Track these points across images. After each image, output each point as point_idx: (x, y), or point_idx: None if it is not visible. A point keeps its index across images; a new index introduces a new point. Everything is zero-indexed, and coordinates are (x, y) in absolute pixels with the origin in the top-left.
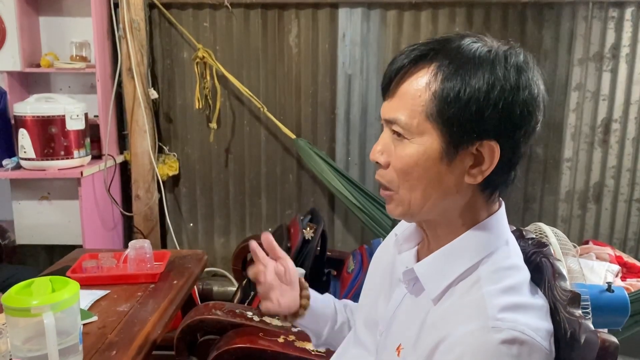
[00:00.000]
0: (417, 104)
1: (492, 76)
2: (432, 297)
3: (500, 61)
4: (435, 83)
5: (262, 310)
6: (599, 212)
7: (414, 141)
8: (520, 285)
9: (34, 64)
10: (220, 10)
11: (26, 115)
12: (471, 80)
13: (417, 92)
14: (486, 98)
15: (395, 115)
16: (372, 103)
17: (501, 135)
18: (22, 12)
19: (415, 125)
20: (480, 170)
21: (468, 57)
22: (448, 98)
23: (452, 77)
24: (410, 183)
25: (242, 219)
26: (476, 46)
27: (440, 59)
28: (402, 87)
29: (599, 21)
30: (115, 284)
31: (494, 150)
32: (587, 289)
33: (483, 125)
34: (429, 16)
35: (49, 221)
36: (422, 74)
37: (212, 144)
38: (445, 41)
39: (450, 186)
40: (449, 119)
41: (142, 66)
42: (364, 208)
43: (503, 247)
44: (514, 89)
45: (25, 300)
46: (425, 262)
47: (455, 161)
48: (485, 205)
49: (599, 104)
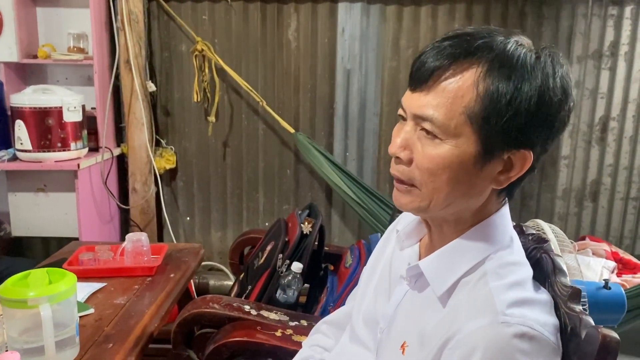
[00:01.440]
0: (457, 104)
1: (544, 86)
2: (439, 294)
3: (549, 71)
4: (483, 84)
5: None
6: (596, 210)
7: (448, 142)
8: (525, 280)
9: (31, 55)
10: (219, 3)
11: (23, 106)
12: (524, 87)
13: (461, 91)
14: (537, 107)
15: (429, 112)
16: (371, 98)
17: (537, 145)
18: (19, 3)
19: (452, 126)
20: (507, 177)
21: (520, 62)
22: (498, 104)
23: (505, 81)
24: (436, 184)
25: (239, 213)
26: (524, 50)
27: (490, 59)
28: (441, 82)
29: (598, 19)
30: (112, 276)
31: (526, 159)
32: (584, 286)
33: (526, 134)
34: (428, 11)
35: (45, 213)
36: (469, 73)
37: (209, 138)
38: (489, 39)
39: (476, 190)
40: (495, 125)
41: (140, 58)
42: (361, 202)
43: (508, 243)
44: (560, 101)
45: (22, 292)
46: (431, 258)
47: (487, 167)
48: (494, 206)
49: (597, 102)
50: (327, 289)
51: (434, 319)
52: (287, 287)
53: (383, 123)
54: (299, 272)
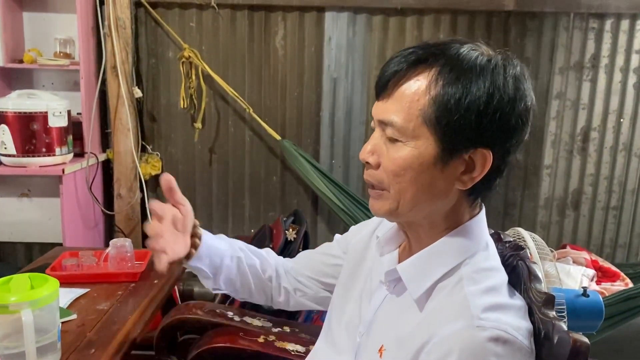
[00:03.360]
0: (414, 108)
1: (492, 86)
2: (415, 298)
3: (499, 71)
4: (435, 88)
5: (156, 267)
6: (577, 219)
7: (408, 144)
8: (500, 286)
9: (16, 60)
10: (206, 11)
11: (7, 111)
12: (472, 88)
13: (415, 95)
14: (485, 107)
15: (390, 117)
16: (357, 106)
17: (495, 143)
18: (5, 7)
19: (411, 129)
20: (470, 177)
21: (469, 64)
22: (448, 104)
23: (453, 83)
24: (401, 185)
25: (224, 219)
26: (475, 54)
27: (441, 64)
28: (399, 89)
29: (579, 31)
30: (95, 282)
31: (486, 158)
32: (563, 294)
33: (480, 133)
34: (414, 22)
35: (28, 218)
36: (422, 78)
37: (196, 144)
38: (444, 46)
39: (440, 191)
40: (447, 125)
41: (126, 64)
42: (347, 210)
43: (483, 249)
44: (511, 100)
45: (3, 296)
46: (408, 262)
47: (448, 167)
48: (468, 209)
49: (579, 113)
50: None
51: (411, 323)
52: None
53: (369, 131)
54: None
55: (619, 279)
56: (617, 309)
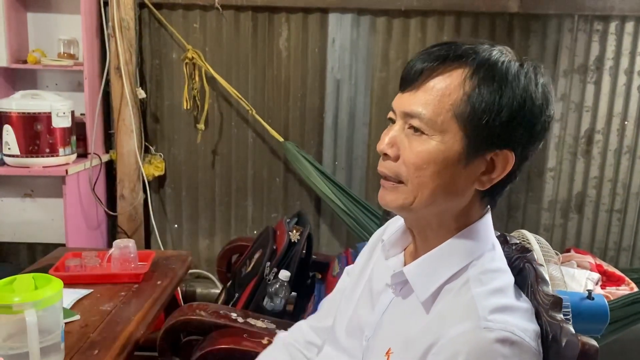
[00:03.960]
0: (445, 102)
1: (525, 92)
2: (422, 300)
3: (531, 78)
4: (470, 85)
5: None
6: (581, 222)
7: (434, 138)
8: (507, 287)
9: (20, 60)
10: (210, 12)
11: (11, 111)
12: (507, 90)
13: (447, 90)
14: (518, 111)
15: (417, 108)
16: (360, 108)
17: (519, 147)
18: (9, 7)
19: (439, 122)
20: (489, 178)
21: (503, 68)
22: (482, 103)
23: (489, 83)
24: (422, 179)
25: (227, 221)
26: (507, 58)
27: (476, 63)
28: (429, 82)
29: (584, 34)
30: (98, 283)
31: (508, 160)
32: (568, 297)
33: (508, 135)
34: (418, 24)
35: (31, 219)
36: (455, 74)
37: (199, 145)
38: (475, 47)
39: (459, 189)
40: (478, 123)
41: (130, 65)
42: (350, 212)
43: (489, 250)
44: (540, 107)
45: (7, 297)
46: (415, 265)
47: (471, 165)
48: (478, 211)
49: (583, 115)
50: (315, 297)
51: (418, 325)
52: (275, 295)
53: (372, 133)
54: (286, 280)
55: (624, 283)
56: (622, 313)
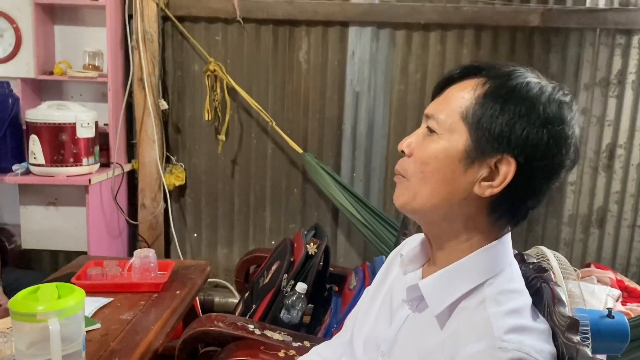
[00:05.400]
0: (457, 105)
1: (533, 102)
2: (436, 314)
3: (545, 92)
4: (480, 91)
5: None
6: (602, 237)
7: (442, 137)
8: (523, 308)
9: (47, 72)
10: (232, 25)
11: (38, 121)
12: (512, 98)
13: (462, 94)
14: (523, 117)
15: (435, 111)
16: (379, 120)
17: (521, 155)
18: (38, 21)
19: (449, 123)
20: (490, 185)
21: (518, 80)
22: (487, 107)
23: (496, 90)
24: (424, 175)
25: (245, 230)
26: (529, 75)
27: (491, 74)
28: (450, 90)
29: (606, 47)
30: (118, 292)
31: (509, 169)
32: (587, 314)
33: (508, 140)
34: (437, 37)
35: (55, 227)
36: (472, 83)
37: (219, 156)
38: (503, 64)
39: (458, 189)
40: (481, 125)
41: (153, 77)
42: (367, 224)
43: (507, 269)
44: (549, 119)
45: (32, 305)
46: (430, 279)
47: (472, 167)
48: (492, 228)
49: (604, 129)
50: (331, 310)
51: (433, 342)
52: (291, 308)
53: (390, 145)
54: (303, 292)
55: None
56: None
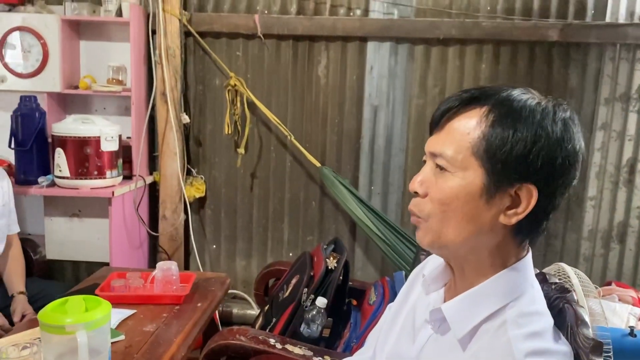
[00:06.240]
0: (465, 140)
1: (540, 126)
2: (459, 338)
3: (548, 113)
4: (486, 124)
5: None
6: (623, 253)
7: (456, 175)
8: (545, 331)
9: (72, 86)
10: (253, 41)
11: (64, 135)
12: (520, 125)
13: (467, 129)
14: (533, 144)
15: (441, 148)
16: (397, 134)
17: (541, 181)
18: (64, 36)
19: (460, 160)
20: (515, 212)
21: (519, 105)
22: (497, 139)
23: (503, 120)
24: (447, 214)
25: (264, 243)
26: (526, 97)
27: (492, 103)
28: (451, 123)
29: (626, 62)
30: (141, 303)
31: (531, 194)
32: (608, 333)
33: (526, 169)
34: (456, 52)
35: (78, 238)
36: (474, 114)
37: (238, 169)
38: (498, 89)
39: (484, 223)
40: (495, 159)
41: (175, 91)
42: (385, 238)
43: (529, 291)
44: (559, 140)
45: (60, 318)
46: (453, 302)
47: (494, 199)
48: (515, 250)
49: (625, 144)
50: (351, 325)
51: None
52: (311, 322)
53: (409, 159)
54: (323, 307)
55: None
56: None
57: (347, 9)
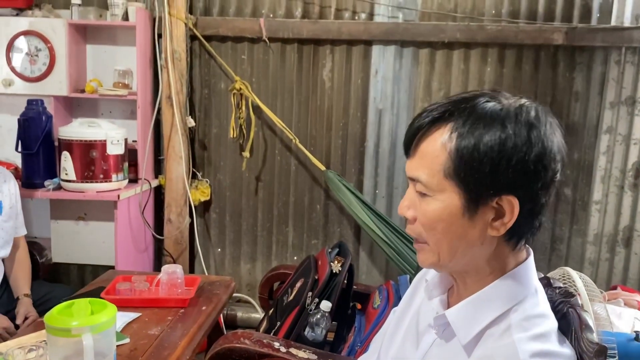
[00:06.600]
0: (435, 163)
1: (504, 133)
2: (464, 343)
3: (510, 118)
4: (450, 143)
5: None
6: (628, 257)
7: (436, 198)
8: (549, 333)
9: (78, 90)
10: (258, 44)
11: (70, 138)
12: (483, 138)
13: (435, 152)
14: (499, 154)
15: (416, 174)
16: (402, 137)
17: (518, 189)
18: (71, 40)
19: (435, 183)
20: (502, 223)
21: (480, 115)
22: (463, 157)
23: (465, 136)
24: (437, 237)
25: (268, 246)
26: (489, 105)
27: (455, 118)
28: (421, 147)
29: (632, 66)
30: (146, 307)
31: (513, 204)
32: (614, 337)
33: (498, 180)
34: (461, 56)
35: (84, 241)
36: (438, 134)
37: (243, 172)
38: (462, 100)
39: (474, 239)
40: (465, 177)
41: (181, 95)
42: (390, 242)
43: (532, 295)
44: (525, 145)
45: (66, 320)
46: (457, 308)
47: (476, 215)
48: (512, 253)
49: (630, 148)
50: (355, 329)
51: None
52: (316, 326)
53: None
54: (327, 310)
55: None
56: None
57: (352, 12)
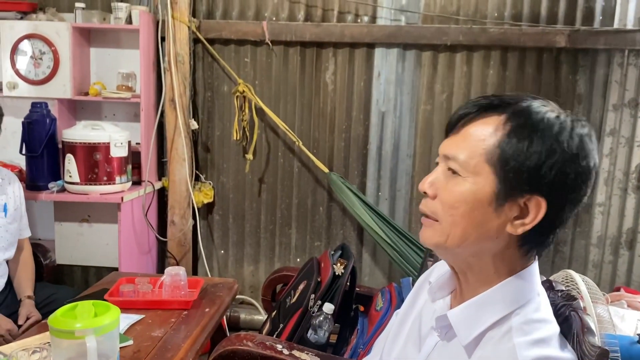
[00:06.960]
0: (479, 146)
1: (556, 141)
2: (464, 344)
3: (566, 128)
4: (502, 132)
5: None
6: (632, 259)
7: (467, 179)
8: (550, 338)
9: (82, 92)
10: (261, 47)
11: (74, 141)
12: (536, 138)
13: (483, 135)
14: (546, 158)
15: (455, 152)
16: (404, 140)
17: (551, 194)
18: (75, 44)
19: (472, 165)
20: (523, 223)
21: (538, 117)
22: (512, 149)
23: (519, 131)
24: (454, 218)
25: (271, 248)
26: (545, 109)
27: (511, 112)
28: (468, 128)
29: (634, 68)
30: (150, 309)
31: (540, 206)
32: (617, 340)
33: (537, 181)
34: (463, 58)
35: (87, 243)
36: (491, 121)
37: (246, 174)
38: (517, 98)
39: (491, 230)
40: (508, 168)
41: (184, 97)
42: (393, 244)
43: (535, 299)
44: (573, 156)
45: (70, 322)
46: (459, 309)
47: (502, 208)
48: (520, 259)
49: (634, 150)
50: (358, 331)
51: None
52: (318, 328)
53: (416, 164)
54: (330, 313)
55: None
56: None
57: (355, 15)
